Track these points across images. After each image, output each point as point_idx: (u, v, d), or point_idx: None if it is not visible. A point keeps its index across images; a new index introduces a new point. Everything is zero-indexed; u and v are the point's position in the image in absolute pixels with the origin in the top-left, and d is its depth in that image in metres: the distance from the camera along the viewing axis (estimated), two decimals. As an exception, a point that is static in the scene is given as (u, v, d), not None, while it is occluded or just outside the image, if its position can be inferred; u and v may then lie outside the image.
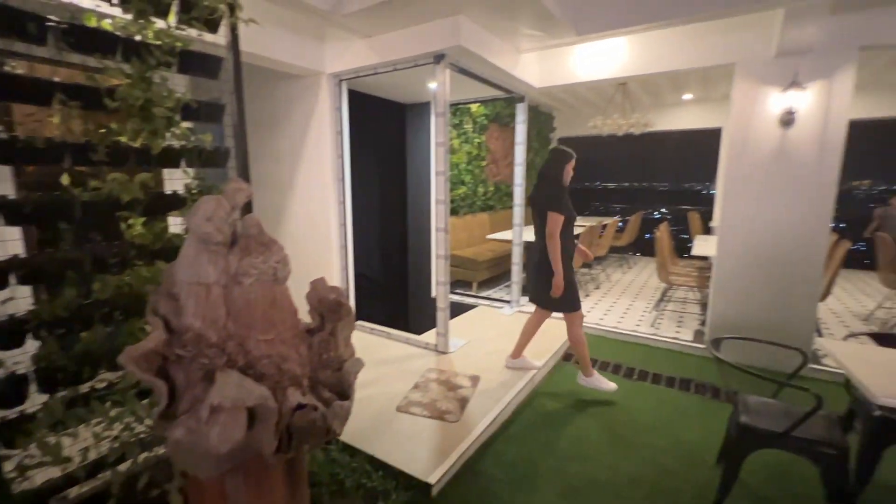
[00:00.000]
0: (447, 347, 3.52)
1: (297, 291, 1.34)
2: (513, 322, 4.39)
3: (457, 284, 5.89)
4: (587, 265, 6.78)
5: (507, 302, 4.99)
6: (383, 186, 5.71)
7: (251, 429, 1.11)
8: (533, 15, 3.20)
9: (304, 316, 1.37)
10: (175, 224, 1.74)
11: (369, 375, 3.12)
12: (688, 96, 6.88)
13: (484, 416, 2.61)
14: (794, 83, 3.16)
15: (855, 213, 8.76)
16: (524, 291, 5.47)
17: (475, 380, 3.06)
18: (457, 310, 4.69)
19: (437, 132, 3.37)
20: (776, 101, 3.28)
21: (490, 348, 3.67)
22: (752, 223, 3.53)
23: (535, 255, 3.09)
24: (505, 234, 5.44)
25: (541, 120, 8.20)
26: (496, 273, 5.98)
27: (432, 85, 3.38)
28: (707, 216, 7.28)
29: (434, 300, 3.65)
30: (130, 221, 1.53)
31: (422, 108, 5.44)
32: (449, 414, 2.61)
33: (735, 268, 3.66)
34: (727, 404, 2.97)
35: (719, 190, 3.67)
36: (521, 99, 4.61)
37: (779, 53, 3.23)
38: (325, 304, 1.44)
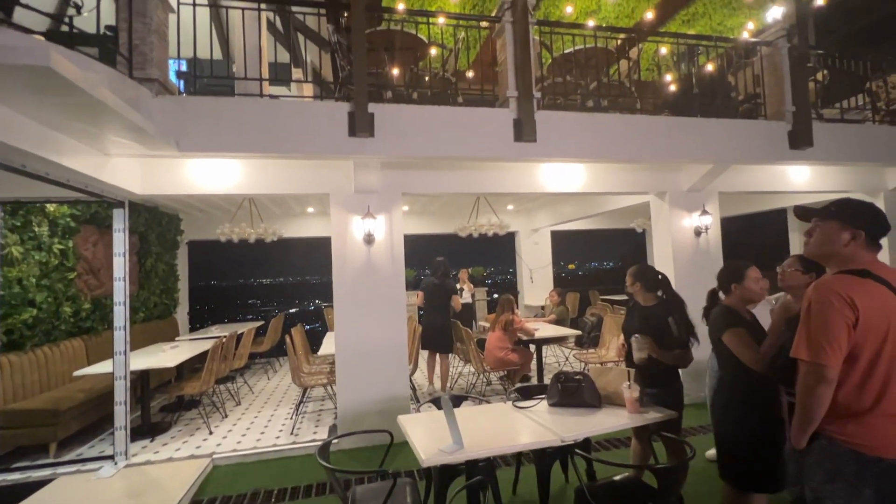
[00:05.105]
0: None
1: None
2: (115, 486, 3.35)
3: (20, 454, 4.03)
4: (222, 381, 6.15)
5: (110, 458, 3.80)
6: None
7: None
8: (121, 126, 2.91)
9: None
10: None
11: None
12: (311, 209, 7.94)
13: None
14: (368, 213, 4.20)
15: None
16: (137, 434, 4.36)
17: None
18: (13, 496, 3.16)
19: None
20: (359, 225, 4.24)
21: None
22: (358, 320, 4.26)
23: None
24: (104, 366, 4.24)
25: (163, 223, 7.31)
26: (93, 419, 4.49)
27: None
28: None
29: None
30: None
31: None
32: None
33: (351, 360, 4.23)
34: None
35: (335, 291, 4.26)
36: (120, 204, 3.97)
37: (356, 191, 4.24)
38: None
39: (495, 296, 9.55)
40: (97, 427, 4.63)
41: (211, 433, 4.46)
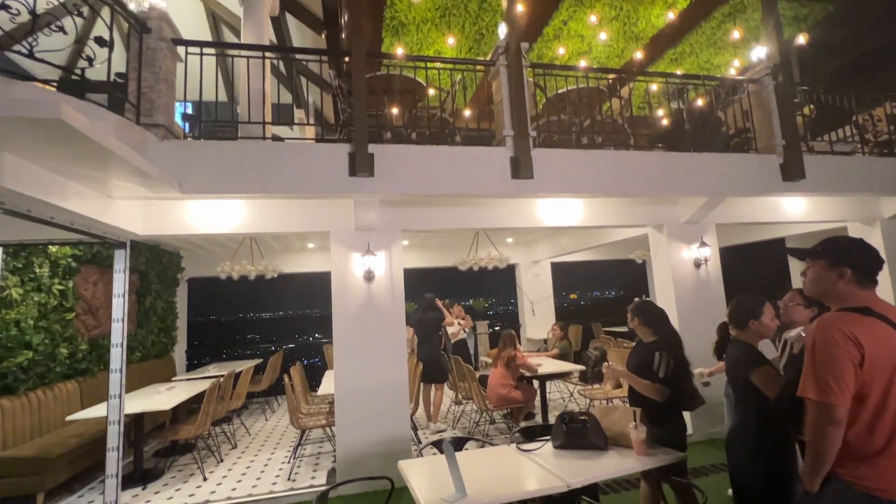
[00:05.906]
0: None
1: None
2: (103, 539, 3.20)
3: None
4: (218, 422, 5.99)
5: (99, 508, 3.66)
6: None
7: None
8: (126, 171, 2.98)
9: None
10: None
11: None
12: (312, 245, 7.98)
13: None
14: (368, 250, 4.22)
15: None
16: (129, 481, 4.22)
17: None
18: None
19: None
20: (359, 262, 4.25)
21: None
22: (358, 359, 4.19)
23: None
24: (98, 410, 4.15)
25: (164, 260, 7.33)
26: (85, 466, 4.34)
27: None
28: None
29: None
30: None
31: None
32: None
33: (351, 400, 4.13)
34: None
35: (334, 330, 4.21)
36: (122, 245, 4.00)
37: (357, 228, 4.28)
38: None
39: (497, 328, 9.45)
40: (88, 474, 4.48)
41: (205, 479, 4.31)
